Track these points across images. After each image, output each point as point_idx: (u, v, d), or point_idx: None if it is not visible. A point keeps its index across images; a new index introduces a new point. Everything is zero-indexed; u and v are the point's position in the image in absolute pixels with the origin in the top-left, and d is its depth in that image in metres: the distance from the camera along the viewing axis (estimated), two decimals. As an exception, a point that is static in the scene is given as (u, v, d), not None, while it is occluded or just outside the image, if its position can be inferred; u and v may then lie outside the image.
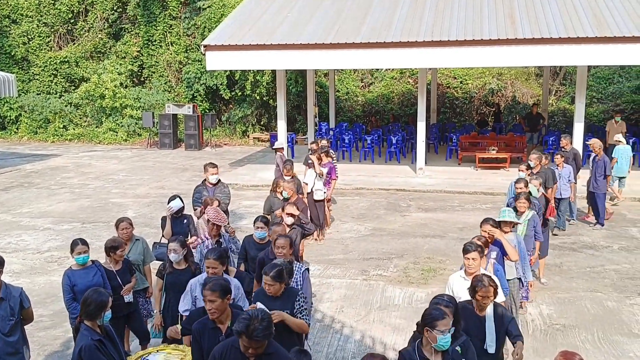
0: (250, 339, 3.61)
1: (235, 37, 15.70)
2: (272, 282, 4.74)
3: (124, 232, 6.57)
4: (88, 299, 4.48)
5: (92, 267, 6.00)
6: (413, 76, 25.21)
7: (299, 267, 5.71)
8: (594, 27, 13.89)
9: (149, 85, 26.06)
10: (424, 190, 14.81)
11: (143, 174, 17.76)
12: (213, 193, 8.60)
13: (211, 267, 5.19)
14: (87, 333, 4.37)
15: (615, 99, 23.64)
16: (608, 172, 11.37)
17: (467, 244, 5.47)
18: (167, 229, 7.53)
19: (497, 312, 4.76)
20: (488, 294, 4.66)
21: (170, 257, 5.93)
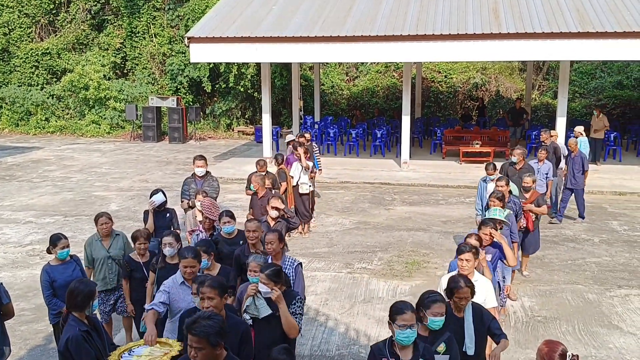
0: (188, 331, 3.42)
1: (220, 29, 15.60)
2: (267, 282, 4.55)
3: (102, 227, 6.50)
4: (75, 290, 4.44)
5: (70, 262, 5.97)
6: (398, 70, 25.27)
7: (292, 262, 5.57)
8: (576, 22, 14.02)
9: (132, 77, 25.81)
10: (409, 183, 14.88)
11: (126, 167, 17.62)
12: (201, 186, 8.56)
13: (189, 267, 4.97)
14: (75, 324, 4.35)
15: (598, 93, 23.90)
16: (586, 167, 11.42)
17: (462, 245, 5.34)
18: (149, 222, 7.48)
19: (476, 312, 4.67)
20: (465, 294, 4.55)
21: (164, 252, 5.83)
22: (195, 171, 8.82)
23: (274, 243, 5.45)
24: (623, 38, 13.54)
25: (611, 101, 23.09)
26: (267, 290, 4.50)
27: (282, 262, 5.45)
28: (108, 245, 6.52)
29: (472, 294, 4.64)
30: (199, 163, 8.78)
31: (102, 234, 6.53)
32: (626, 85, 23.72)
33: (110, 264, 6.48)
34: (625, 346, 6.72)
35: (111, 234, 6.60)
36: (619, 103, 22.94)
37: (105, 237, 6.55)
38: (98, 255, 6.48)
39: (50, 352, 6.63)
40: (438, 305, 4.15)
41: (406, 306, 3.99)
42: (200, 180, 8.76)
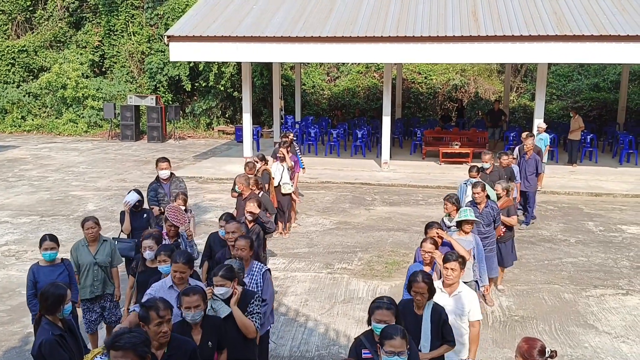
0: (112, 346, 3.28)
1: (200, 28, 15.50)
2: (222, 282, 4.58)
3: (89, 232, 6.26)
4: (45, 293, 4.38)
5: (59, 265, 5.81)
6: (379, 71, 25.38)
7: (259, 268, 5.45)
8: (554, 25, 14.22)
9: (111, 75, 25.53)
10: (389, 184, 14.95)
11: (104, 166, 17.41)
12: (168, 189, 8.27)
13: (179, 272, 4.90)
14: (48, 327, 4.28)
15: (574, 95, 24.28)
16: (540, 169, 11.36)
17: (448, 253, 5.20)
18: (125, 223, 7.33)
19: (435, 312, 4.65)
20: (420, 290, 4.55)
21: (144, 255, 5.70)
22: (159, 174, 8.35)
23: (245, 250, 5.36)
24: (599, 41, 13.77)
25: (588, 103, 23.46)
26: (224, 290, 4.57)
27: (250, 269, 5.38)
28: (95, 251, 6.29)
29: (429, 292, 4.60)
30: (163, 165, 8.35)
31: (88, 239, 6.30)
32: (602, 87, 24.13)
33: (96, 271, 6.24)
34: (600, 345, 6.83)
35: (98, 239, 6.37)
36: (595, 105, 23.33)
37: (92, 243, 6.31)
38: (84, 261, 6.23)
39: (26, 354, 6.52)
40: (380, 312, 4.04)
41: (396, 331, 3.68)
42: (166, 183, 8.36)
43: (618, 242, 10.60)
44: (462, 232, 6.51)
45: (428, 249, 5.55)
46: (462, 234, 6.50)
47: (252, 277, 5.37)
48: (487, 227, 7.62)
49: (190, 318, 4.25)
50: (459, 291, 5.07)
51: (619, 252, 10.08)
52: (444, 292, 5.08)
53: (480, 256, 6.60)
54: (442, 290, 5.10)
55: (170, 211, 6.55)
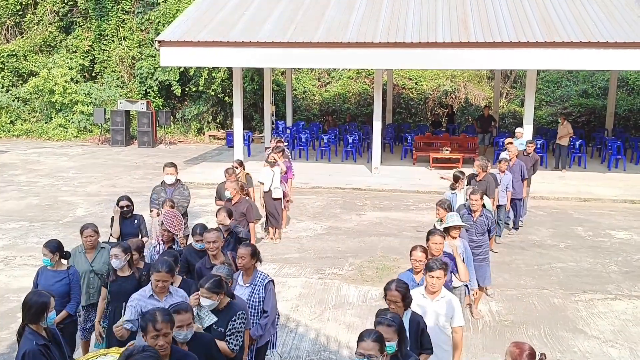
0: None
1: (191, 33, 15.51)
2: (208, 295, 4.49)
3: (87, 240, 6.18)
4: (28, 302, 4.29)
5: (62, 272, 5.74)
6: (369, 76, 25.46)
7: (262, 279, 5.33)
8: (543, 32, 14.35)
9: (101, 80, 25.43)
10: (380, 189, 14.98)
11: (94, 171, 17.33)
12: (171, 194, 8.32)
13: (162, 280, 4.84)
14: (32, 337, 4.19)
15: (563, 102, 24.47)
16: (525, 175, 11.24)
17: (432, 261, 5.06)
18: (114, 227, 7.26)
19: (413, 322, 4.56)
20: (394, 298, 4.48)
21: (112, 264, 5.58)
22: (164, 179, 8.52)
23: (245, 258, 5.25)
24: (588, 48, 13.92)
25: (576, 109, 23.66)
26: (209, 303, 4.48)
27: (253, 279, 5.31)
28: (92, 259, 6.22)
29: (403, 301, 4.51)
30: (169, 170, 8.48)
31: (86, 246, 6.22)
32: (591, 94, 24.34)
33: (93, 278, 6.17)
34: (589, 350, 6.87)
35: (96, 246, 6.29)
36: (584, 111, 23.52)
37: (90, 250, 6.24)
38: (80, 269, 6.12)
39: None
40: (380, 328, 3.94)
41: (369, 335, 3.69)
42: (170, 188, 8.47)
43: (607, 247, 10.68)
44: (450, 237, 6.49)
45: (418, 257, 5.44)
46: (450, 239, 6.48)
47: (254, 287, 5.28)
48: (480, 236, 7.57)
49: (182, 338, 4.02)
50: (441, 296, 5.02)
51: (608, 257, 10.16)
52: (426, 297, 5.03)
53: (469, 260, 6.58)
54: (424, 295, 5.04)
55: (166, 216, 6.49)
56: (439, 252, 5.82)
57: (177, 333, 3.98)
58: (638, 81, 23.96)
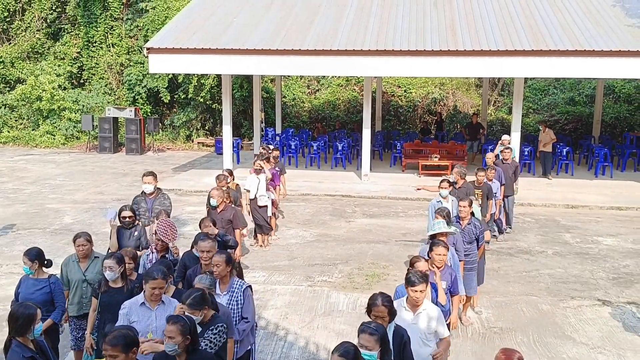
0: None
1: (180, 40, 15.48)
2: (190, 311, 4.41)
3: (80, 249, 6.09)
4: (15, 313, 4.24)
5: (43, 280, 5.68)
6: (359, 84, 25.54)
7: (240, 285, 5.31)
8: (530, 40, 14.49)
9: (89, 87, 25.31)
10: (369, 196, 15.00)
11: (81, 178, 17.20)
12: (152, 204, 8.11)
13: (157, 288, 4.81)
14: (19, 350, 4.13)
15: (550, 109, 24.67)
16: (503, 180, 11.20)
17: (412, 275, 4.91)
18: (112, 240, 7.08)
19: (397, 336, 4.49)
20: (380, 313, 4.41)
21: (105, 275, 5.49)
22: (143, 188, 8.24)
23: (220, 266, 5.20)
24: (575, 56, 14.06)
25: (563, 117, 23.86)
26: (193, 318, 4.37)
27: (230, 286, 5.27)
28: (85, 268, 6.11)
29: (390, 315, 4.45)
30: (147, 179, 8.19)
31: (79, 255, 6.13)
32: (578, 101, 24.57)
33: (86, 288, 6.06)
34: (577, 356, 6.90)
35: (90, 256, 6.18)
36: (571, 119, 23.73)
37: (83, 259, 6.14)
38: (73, 277, 6.08)
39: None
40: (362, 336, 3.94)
41: (337, 349, 3.73)
42: (151, 197, 8.19)
43: (594, 254, 10.75)
44: None
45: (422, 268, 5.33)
46: None
47: (232, 294, 5.25)
48: (468, 245, 7.53)
49: (169, 349, 4.01)
50: (423, 309, 4.93)
51: (595, 263, 10.22)
52: (409, 310, 4.95)
53: (456, 267, 6.55)
54: (407, 308, 4.96)
55: (161, 225, 6.41)
56: (441, 264, 5.78)
57: (166, 344, 4.03)
58: (624, 89, 24.23)
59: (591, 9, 16.17)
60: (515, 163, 12.30)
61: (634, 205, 14.12)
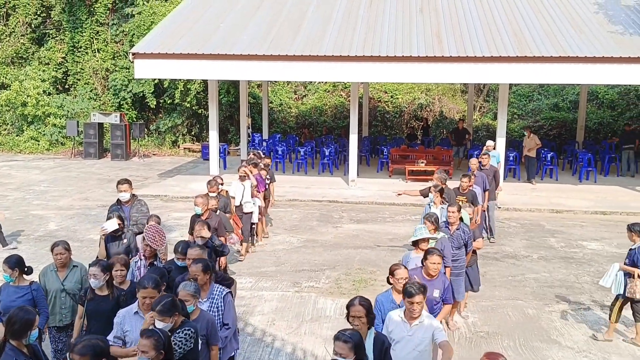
0: None
1: (166, 45, 15.43)
2: (161, 318, 4.32)
3: (57, 258, 5.96)
4: (13, 317, 4.21)
5: (24, 288, 5.61)
6: (345, 89, 25.62)
7: (220, 291, 5.26)
8: (515, 47, 14.63)
9: (74, 92, 25.12)
10: (356, 201, 15.01)
11: (66, 184, 17.04)
12: (129, 212, 7.93)
13: (148, 297, 4.72)
14: (12, 354, 4.11)
15: (535, 115, 24.92)
16: (486, 186, 11.09)
17: (409, 286, 4.78)
18: (100, 249, 6.97)
19: (377, 343, 4.41)
20: (357, 313, 4.34)
21: (90, 283, 5.39)
22: (119, 196, 8.01)
23: (199, 275, 5.15)
24: (559, 62, 14.22)
25: (548, 122, 24.10)
26: (162, 325, 4.31)
27: (210, 293, 5.22)
28: (63, 277, 5.97)
29: (367, 317, 4.38)
30: (123, 187, 7.98)
31: (57, 264, 6.00)
32: (562, 107, 24.84)
33: (64, 298, 5.94)
34: None
35: (68, 264, 6.05)
36: (555, 124, 23.97)
37: (61, 268, 6.00)
38: (51, 287, 5.93)
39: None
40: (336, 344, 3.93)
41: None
42: (127, 205, 8.00)
43: (579, 258, 10.84)
44: (419, 250, 6.43)
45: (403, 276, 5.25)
46: (420, 252, 6.39)
47: (212, 300, 5.21)
48: (457, 250, 7.51)
49: None
50: (420, 321, 4.82)
51: (580, 267, 10.31)
52: (406, 322, 4.83)
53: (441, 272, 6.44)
54: (404, 320, 4.85)
55: (149, 231, 6.33)
56: (436, 273, 5.74)
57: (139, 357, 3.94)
58: (607, 95, 24.54)
59: (574, 16, 16.38)
60: (494, 168, 12.11)
61: (617, 210, 14.27)
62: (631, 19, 15.96)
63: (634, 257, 7.23)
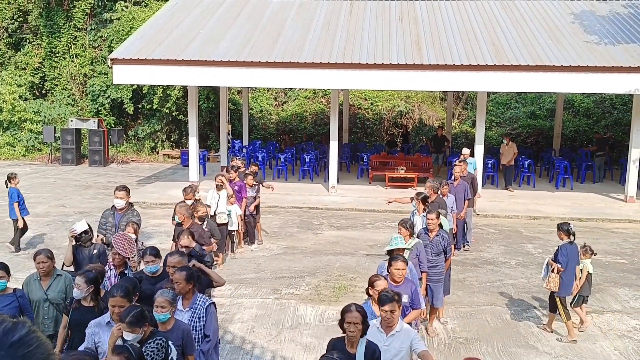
0: None
1: (145, 51, 15.33)
2: (130, 329, 4.24)
3: (40, 267, 5.80)
4: None
5: (10, 295, 5.49)
6: (326, 96, 25.68)
7: (203, 302, 5.18)
8: (493, 56, 14.83)
9: (51, 98, 24.79)
10: (336, 208, 15.03)
11: (42, 191, 16.78)
12: (120, 219, 7.87)
13: (117, 306, 4.64)
14: None
15: (513, 123, 25.24)
16: (467, 195, 11.15)
17: (383, 294, 4.77)
18: (67, 254, 6.81)
19: (369, 352, 4.37)
20: (354, 319, 4.29)
21: (73, 293, 5.28)
22: (114, 202, 8.00)
23: (181, 283, 5.07)
24: (535, 71, 14.44)
25: (525, 130, 24.43)
26: (132, 337, 4.24)
27: (193, 302, 5.14)
28: (46, 287, 5.82)
29: (364, 324, 4.35)
30: (120, 194, 7.96)
31: (40, 273, 5.85)
32: (539, 115, 25.21)
33: (47, 308, 5.79)
34: (540, 365, 7.02)
35: (52, 274, 5.89)
36: (532, 132, 24.31)
37: (45, 277, 5.85)
38: (34, 297, 5.80)
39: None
40: None
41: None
42: (120, 213, 7.96)
43: (556, 264, 10.96)
44: None
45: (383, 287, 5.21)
46: None
47: (194, 311, 5.12)
48: (436, 256, 7.57)
49: None
50: (397, 330, 4.77)
51: (557, 273, 10.43)
52: (382, 331, 4.78)
53: (415, 280, 6.44)
54: (380, 329, 4.79)
55: (117, 238, 6.20)
56: (401, 279, 5.77)
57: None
58: (583, 103, 24.98)
59: (551, 26, 16.67)
60: (470, 176, 12.12)
61: (593, 216, 14.50)
62: (606, 29, 16.29)
63: (557, 253, 7.76)
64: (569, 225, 7.83)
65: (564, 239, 7.78)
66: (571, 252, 7.69)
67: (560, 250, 7.73)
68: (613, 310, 8.76)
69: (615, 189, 17.42)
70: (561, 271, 7.63)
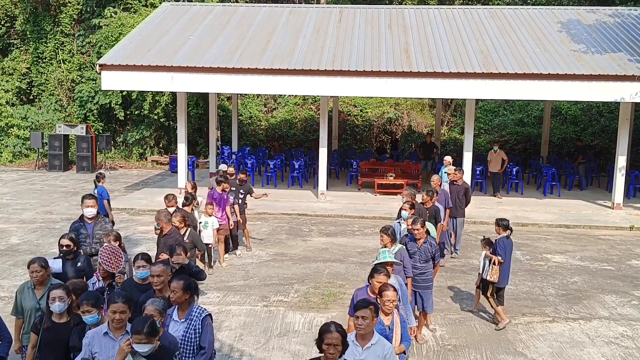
0: None
1: (134, 57, 15.28)
2: (147, 340, 4.11)
3: (34, 276, 5.65)
4: None
5: None
6: (315, 103, 25.72)
7: (199, 313, 5.03)
8: (481, 64, 14.94)
9: (39, 104, 24.63)
10: (326, 214, 15.02)
11: (29, 197, 16.63)
12: (92, 229, 7.63)
13: (118, 312, 4.54)
14: None
15: (501, 130, 25.41)
16: (449, 204, 11.11)
17: (360, 301, 4.62)
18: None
19: None
20: (334, 341, 4.01)
21: (52, 308, 5.01)
22: (84, 212, 7.64)
23: (177, 292, 4.94)
24: (523, 79, 14.57)
25: (513, 137, 24.60)
26: (147, 348, 4.15)
27: (189, 313, 5.01)
28: (40, 296, 5.65)
29: (343, 346, 4.09)
30: (89, 203, 7.62)
31: (33, 282, 5.71)
32: (527, 122, 25.40)
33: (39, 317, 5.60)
34: (529, 371, 7.03)
35: (46, 283, 5.72)
36: (520, 139, 24.48)
37: (39, 286, 5.69)
38: (27, 305, 5.66)
39: None
40: None
41: None
42: (90, 222, 7.65)
43: (544, 271, 11.03)
44: None
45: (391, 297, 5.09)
46: None
47: (190, 322, 4.98)
48: (424, 263, 7.57)
49: None
50: (372, 343, 4.57)
51: (545, 280, 10.49)
52: (357, 344, 4.57)
53: (405, 297, 6.34)
54: (355, 342, 4.57)
55: (104, 251, 6.07)
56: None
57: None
58: (570, 111, 25.20)
59: (539, 35, 16.83)
60: (465, 184, 12.13)
61: (580, 223, 14.60)
62: (593, 38, 16.47)
63: (496, 246, 8.30)
64: (507, 221, 8.43)
65: (502, 234, 8.32)
66: (508, 245, 8.28)
67: (498, 243, 8.28)
68: (600, 317, 8.81)
69: (602, 196, 17.56)
70: (501, 263, 8.16)
